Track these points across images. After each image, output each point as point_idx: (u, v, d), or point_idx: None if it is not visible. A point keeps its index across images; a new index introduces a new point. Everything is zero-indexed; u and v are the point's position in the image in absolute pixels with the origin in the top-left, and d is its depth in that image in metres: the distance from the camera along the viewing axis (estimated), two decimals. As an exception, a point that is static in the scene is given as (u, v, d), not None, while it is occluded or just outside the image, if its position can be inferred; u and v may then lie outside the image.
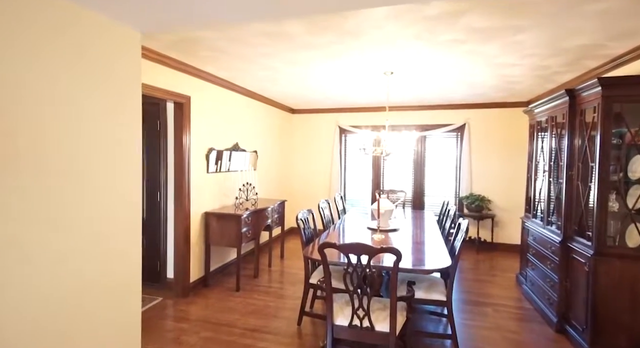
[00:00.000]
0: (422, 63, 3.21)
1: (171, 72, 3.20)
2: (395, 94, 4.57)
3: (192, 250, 3.60)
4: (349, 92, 4.59)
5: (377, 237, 3.06)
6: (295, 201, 6.37)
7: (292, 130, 6.42)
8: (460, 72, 3.50)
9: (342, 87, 4.32)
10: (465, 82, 3.95)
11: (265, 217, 4.19)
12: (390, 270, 2.21)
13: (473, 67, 3.33)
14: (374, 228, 3.40)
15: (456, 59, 3.07)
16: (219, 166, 4.08)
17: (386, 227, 3.39)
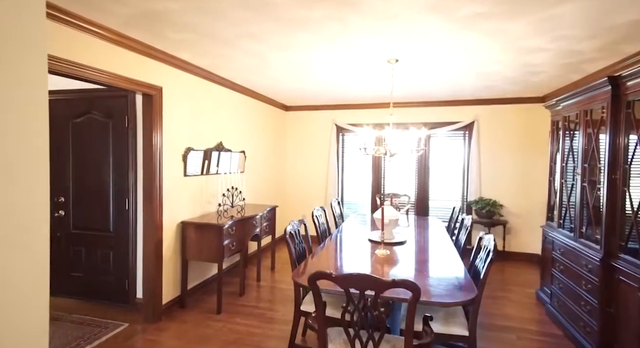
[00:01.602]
0: (431, 47, 2.74)
1: (136, 58, 2.70)
2: (398, 87, 4.09)
3: (166, 266, 3.09)
4: (348, 84, 4.11)
5: (380, 252, 2.58)
6: (288, 206, 5.88)
7: (285, 129, 5.93)
8: (474, 59, 3.03)
9: (340, 79, 3.84)
10: (478, 73, 3.49)
11: (253, 225, 3.69)
12: (402, 301, 1.74)
13: (490, 53, 2.86)
14: (377, 240, 2.91)
15: (473, 42, 2.60)
16: (199, 168, 3.57)
17: (391, 239, 2.91)
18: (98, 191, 3.23)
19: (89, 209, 3.27)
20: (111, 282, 3.22)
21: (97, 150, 3.21)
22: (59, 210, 3.34)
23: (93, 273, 3.28)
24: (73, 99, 3.25)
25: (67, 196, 3.32)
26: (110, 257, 3.22)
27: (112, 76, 2.47)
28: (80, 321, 2.92)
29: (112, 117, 3.15)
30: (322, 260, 2.49)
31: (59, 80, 3.40)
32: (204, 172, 3.67)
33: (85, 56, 2.28)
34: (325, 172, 5.69)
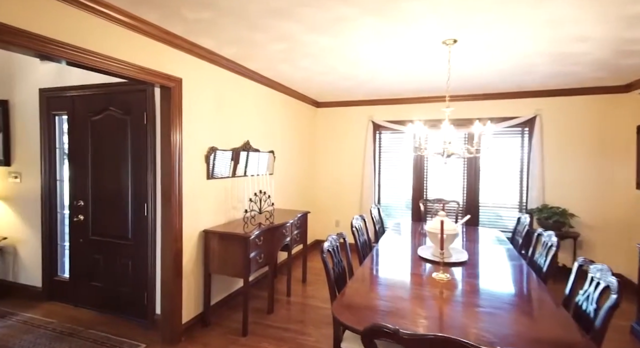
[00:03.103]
0: (501, 22, 2.19)
1: (152, 44, 2.37)
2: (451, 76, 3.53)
3: (186, 280, 2.76)
4: (391, 74, 3.60)
5: (439, 276, 2.07)
6: (319, 212, 5.46)
7: (316, 127, 5.51)
8: (555, 36, 2.43)
9: (382, 68, 3.35)
10: (555, 55, 2.86)
11: (283, 234, 3.29)
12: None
13: (580, 27, 2.26)
14: (429, 258, 2.40)
15: (559, 12, 2.03)
16: (224, 170, 3.23)
17: (448, 257, 2.39)
18: (116, 195, 2.96)
19: (108, 214, 3.01)
20: (130, 295, 2.94)
21: (116, 149, 2.94)
22: (79, 215, 3.11)
23: (112, 283, 3.02)
24: (91, 95, 3.00)
25: (86, 200, 3.08)
26: (129, 267, 2.95)
27: (124, 65, 2.15)
28: (94, 338, 2.65)
29: (130, 114, 2.86)
30: (366, 286, 2.02)
31: (75, 74, 3.20)
32: (230, 174, 3.32)
33: (93, 41, 1.97)
34: (360, 174, 5.21)
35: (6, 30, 1.59)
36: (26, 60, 3.23)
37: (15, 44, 1.64)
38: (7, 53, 3.31)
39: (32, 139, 3.29)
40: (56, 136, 3.24)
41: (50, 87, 3.15)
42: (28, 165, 3.34)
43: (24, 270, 3.43)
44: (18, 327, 2.82)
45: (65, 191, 3.28)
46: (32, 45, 1.70)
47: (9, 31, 1.60)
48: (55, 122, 3.22)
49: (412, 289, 1.95)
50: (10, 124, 3.40)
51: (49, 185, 3.24)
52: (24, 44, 1.67)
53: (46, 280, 3.30)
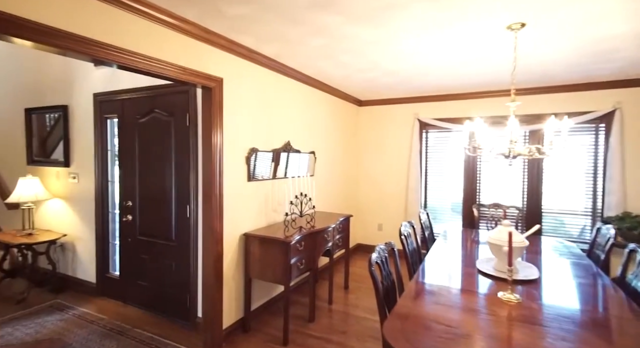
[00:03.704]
0: None
1: (193, 44, 2.33)
2: (510, 67, 3.15)
3: (227, 285, 2.71)
4: (442, 68, 3.30)
5: (506, 297, 1.79)
6: (361, 215, 5.25)
7: (358, 127, 5.30)
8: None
9: (433, 61, 3.07)
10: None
11: (324, 239, 3.14)
12: None
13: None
14: (494, 275, 2.11)
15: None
16: (264, 171, 3.15)
17: (515, 273, 2.08)
18: (161, 196, 2.99)
19: (153, 215, 3.06)
20: (173, 296, 2.96)
21: (160, 151, 2.98)
22: (127, 215, 3.20)
23: (157, 283, 3.06)
24: (138, 98, 3.07)
25: (134, 200, 3.16)
26: (172, 268, 2.97)
27: (167, 66, 2.12)
28: (140, 338, 2.69)
29: (173, 115, 2.87)
30: (420, 305, 1.79)
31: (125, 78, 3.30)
32: (271, 176, 3.23)
33: (138, 43, 1.95)
34: (404, 176, 4.91)
35: (63, 35, 1.61)
36: (83, 67, 3.39)
37: (73, 49, 1.66)
38: (67, 61, 3.51)
39: (88, 141, 3.46)
40: (107, 138, 3.37)
41: (103, 92, 3.27)
42: (84, 167, 3.51)
43: (80, 265, 3.63)
44: (74, 321, 2.95)
45: (116, 191, 3.40)
46: (87, 50, 1.71)
47: (66, 36, 1.62)
48: (107, 124, 3.34)
49: (474, 311, 1.69)
50: (70, 127, 3.61)
51: (102, 186, 3.38)
52: (79, 49, 1.69)
53: (99, 277, 3.45)
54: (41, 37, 1.55)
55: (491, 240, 2.15)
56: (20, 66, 4.01)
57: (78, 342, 2.63)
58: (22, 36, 1.50)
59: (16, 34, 1.48)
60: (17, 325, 2.88)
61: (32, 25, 1.52)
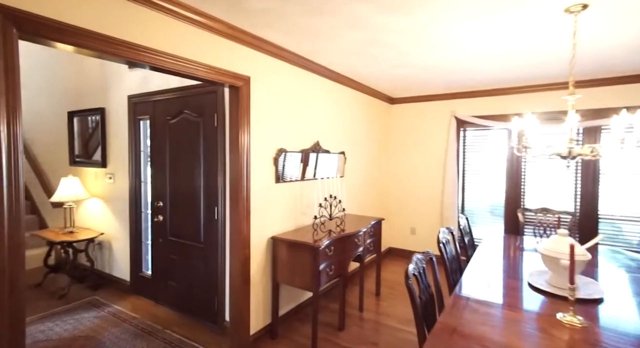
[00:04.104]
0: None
1: (220, 42, 2.27)
2: (566, 56, 2.83)
3: (254, 289, 2.64)
4: (487, 59, 3.03)
5: (566, 319, 1.55)
6: (394, 218, 5.03)
7: (390, 126, 5.08)
8: None
9: (472, 53, 2.82)
10: None
11: (355, 244, 2.99)
12: None
13: None
14: (549, 292, 1.86)
15: None
16: (293, 173, 3.05)
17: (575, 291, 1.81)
18: (190, 197, 2.98)
19: (183, 216, 3.06)
20: (202, 298, 2.94)
21: (190, 152, 2.97)
22: (158, 215, 3.24)
23: (186, 285, 3.06)
24: (169, 99, 3.08)
25: (165, 201, 3.19)
26: (201, 270, 2.95)
27: (195, 65, 2.07)
28: (169, 340, 2.69)
29: (202, 116, 2.85)
30: (464, 325, 1.60)
31: (156, 80, 3.35)
32: (299, 177, 3.13)
33: (165, 42, 1.91)
34: (439, 177, 4.64)
35: (99, 38, 1.61)
36: (118, 70, 3.48)
37: (108, 51, 1.67)
38: (104, 65, 3.62)
39: (122, 142, 3.54)
40: (141, 139, 3.42)
41: (136, 94, 3.33)
42: (119, 167, 3.61)
43: (116, 264, 3.73)
44: (108, 319, 3.02)
45: (148, 192, 3.46)
46: (120, 52, 1.71)
47: (102, 39, 1.62)
48: (140, 126, 3.40)
49: (528, 335, 1.47)
50: (106, 129, 3.72)
51: (135, 186, 3.45)
52: (114, 51, 1.69)
53: (133, 276, 3.52)
54: (80, 41, 1.55)
55: (546, 251, 1.90)
56: (63, 71, 4.21)
57: (111, 341, 2.67)
58: (63, 40, 1.50)
59: (57, 38, 1.48)
60: (57, 320, 2.99)
61: (71, 29, 1.52)
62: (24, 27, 1.38)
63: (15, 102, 1.35)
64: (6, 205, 1.33)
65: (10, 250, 1.35)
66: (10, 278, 1.35)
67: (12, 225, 1.35)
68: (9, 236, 1.34)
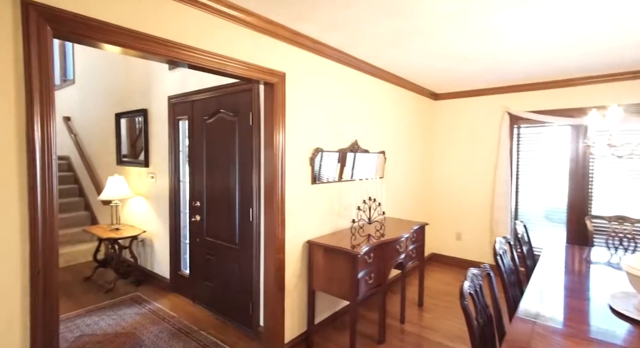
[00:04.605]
0: None
1: (255, 37, 2.17)
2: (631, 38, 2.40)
3: (289, 296, 2.52)
4: (549, 45, 2.67)
5: (669, 358, 1.24)
6: (437, 222, 4.71)
7: (433, 123, 4.76)
8: None
9: (531, 40, 2.48)
10: None
11: (396, 251, 2.77)
12: None
13: None
14: (632, 316, 1.53)
15: None
16: (330, 174, 2.90)
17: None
18: (226, 198, 2.94)
19: (219, 217, 3.03)
20: (236, 301, 2.89)
21: (226, 152, 2.92)
22: (196, 215, 3.24)
23: (221, 286, 3.03)
24: (206, 98, 3.07)
25: (202, 201, 3.18)
26: (236, 272, 2.90)
27: (230, 61, 1.99)
28: (205, 342, 2.65)
29: (238, 115, 2.79)
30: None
31: (195, 79, 3.37)
32: (336, 178, 2.97)
33: (202, 39, 1.84)
34: (490, 178, 4.25)
35: (132, 35, 1.57)
36: (159, 71, 3.55)
37: (150, 51, 1.64)
38: (147, 66, 3.72)
39: (163, 142, 3.61)
40: (180, 139, 3.46)
41: (175, 94, 3.36)
42: (160, 167, 3.68)
43: (157, 261, 3.82)
44: (148, 317, 3.07)
45: (186, 191, 3.48)
46: (161, 51, 1.68)
47: (135, 36, 1.58)
48: (179, 126, 3.44)
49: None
50: (149, 129, 3.82)
51: (174, 186, 3.49)
52: (155, 50, 1.66)
53: (172, 274, 3.58)
54: (115, 39, 1.52)
55: (635, 270, 1.57)
56: (112, 74, 4.40)
57: (149, 340, 2.69)
58: (98, 38, 1.48)
59: (92, 36, 1.45)
60: (102, 315, 3.10)
61: (107, 27, 1.49)
62: (58, 25, 1.35)
63: (49, 103, 1.33)
64: (40, 208, 1.31)
65: (44, 252, 1.33)
66: (44, 280, 1.33)
67: (46, 227, 1.33)
68: (43, 238, 1.32)
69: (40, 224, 1.31)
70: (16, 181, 1.28)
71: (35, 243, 1.31)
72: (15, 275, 1.28)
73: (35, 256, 1.31)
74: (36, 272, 1.31)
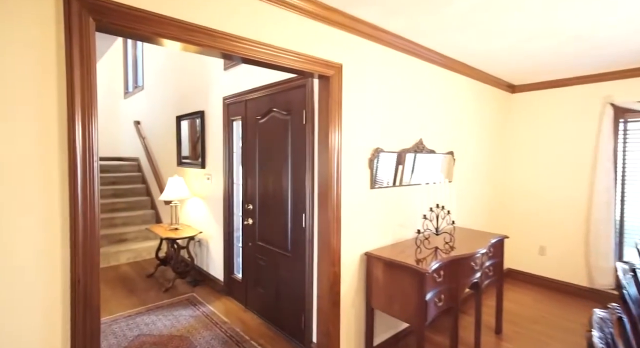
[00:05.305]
0: None
1: (309, 25, 1.95)
2: None
3: (345, 313, 2.26)
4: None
5: None
6: (514, 232, 4.08)
7: (511, 119, 4.15)
8: None
9: (665, 4, 1.91)
10: None
11: (471, 268, 2.35)
12: None
13: None
14: None
15: None
16: (390, 177, 2.58)
17: None
18: (278, 202, 2.78)
19: (271, 221, 2.89)
20: (288, 311, 2.71)
21: (278, 153, 2.77)
22: (248, 218, 3.14)
23: (273, 294, 2.88)
24: (258, 97, 2.95)
25: (254, 204, 3.07)
26: (288, 281, 2.71)
27: (283, 53, 1.80)
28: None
29: (291, 113, 2.61)
30: None
31: (247, 78, 3.28)
32: (398, 182, 2.64)
33: (245, 27, 1.67)
34: (584, 183, 3.54)
35: (186, 27, 1.47)
36: (215, 71, 3.54)
37: (195, 42, 1.51)
38: (204, 67, 3.74)
39: (218, 143, 3.59)
40: (234, 140, 3.40)
41: (230, 95, 3.31)
42: (215, 168, 3.67)
43: (212, 263, 3.82)
44: (202, 320, 3.03)
45: (240, 193, 3.41)
46: (207, 42, 1.55)
47: (188, 28, 1.47)
48: (233, 127, 3.38)
49: None
50: (205, 131, 3.85)
51: (228, 188, 3.44)
52: (201, 41, 1.52)
53: (226, 277, 3.53)
54: (170, 32, 1.42)
55: None
56: (174, 79, 4.57)
57: (201, 346, 2.63)
58: (153, 32, 1.38)
59: (147, 30, 1.36)
60: (160, 315, 3.13)
61: (156, 18, 1.38)
62: (102, 16, 1.25)
63: (91, 100, 1.24)
64: (80, 213, 1.22)
65: (85, 261, 1.24)
66: (85, 290, 1.24)
67: (86, 233, 1.23)
68: (84, 245, 1.23)
69: (81, 230, 1.22)
70: (57, 187, 1.20)
71: (75, 251, 1.22)
72: (55, 284, 1.21)
73: (75, 264, 1.22)
74: (76, 281, 1.22)
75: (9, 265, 1.12)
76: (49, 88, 1.18)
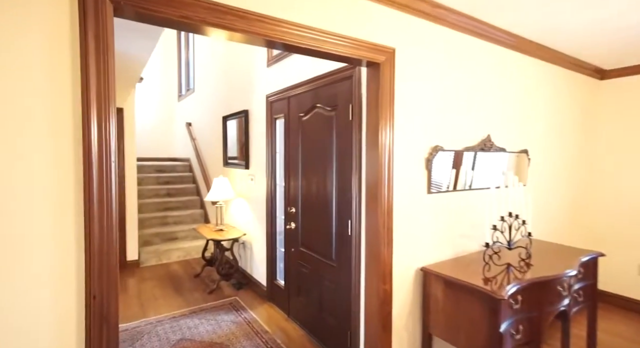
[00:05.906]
0: None
1: (356, 3, 1.68)
2: None
3: (397, 338, 1.95)
4: None
5: None
6: (605, 246, 3.40)
7: (599, 111, 3.47)
8: None
9: None
10: None
11: (557, 293, 1.90)
12: None
13: None
14: None
15: None
16: (451, 180, 2.21)
17: None
18: (322, 206, 2.55)
19: (314, 226, 2.67)
20: (332, 326, 2.46)
21: (322, 153, 2.53)
22: (291, 222, 2.96)
23: (317, 305, 2.65)
24: (301, 93, 2.74)
25: (297, 207, 2.88)
26: (333, 292, 2.47)
27: (328, 36, 1.55)
28: (295, 372, 2.31)
29: (336, 109, 2.36)
30: None
31: (290, 74, 3.08)
32: (459, 185, 2.26)
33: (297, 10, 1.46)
34: None
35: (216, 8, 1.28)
36: (258, 69, 3.42)
37: (227, 26, 1.33)
38: (248, 65, 3.65)
39: (261, 143, 3.46)
40: (277, 140, 3.24)
41: (272, 92, 3.16)
42: (258, 169, 3.56)
43: (255, 266, 3.72)
44: (243, 328, 2.91)
45: (282, 196, 3.25)
46: (241, 26, 1.36)
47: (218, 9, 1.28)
48: (276, 125, 3.22)
49: None
50: (249, 130, 3.75)
51: (271, 189, 3.30)
52: (233, 24, 1.34)
53: (269, 282, 3.40)
54: (197, 14, 1.25)
55: None
56: (221, 79, 4.58)
57: (240, 356, 2.49)
58: (179, 15, 1.22)
59: (172, 13, 1.21)
60: (202, 318, 3.08)
61: (196, 1, 1.24)
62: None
63: (108, 94, 1.10)
64: (97, 221, 1.08)
65: (100, 273, 1.10)
66: (101, 307, 1.11)
67: (103, 243, 1.10)
68: (99, 256, 1.09)
69: (97, 240, 1.09)
70: (72, 193, 1.08)
71: (90, 264, 1.09)
72: (70, 300, 1.09)
73: (91, 278, 1.09)
74: (92, 297, 1.08)
75: (18, 282, 1.01)
76: (62, 80, 1.06)
